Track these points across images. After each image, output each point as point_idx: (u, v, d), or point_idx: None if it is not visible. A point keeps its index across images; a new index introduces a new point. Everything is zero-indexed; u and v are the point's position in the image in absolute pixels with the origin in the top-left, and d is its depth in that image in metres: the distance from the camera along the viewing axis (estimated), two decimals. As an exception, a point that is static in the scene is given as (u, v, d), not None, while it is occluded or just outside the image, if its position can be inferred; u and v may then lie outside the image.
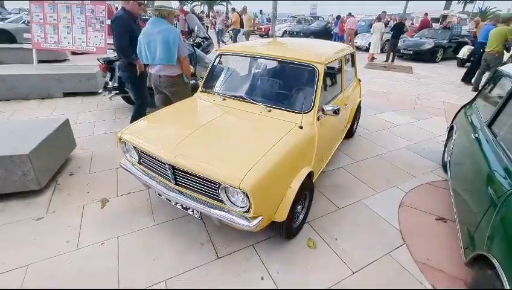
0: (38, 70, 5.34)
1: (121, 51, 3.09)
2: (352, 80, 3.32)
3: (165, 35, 2.56)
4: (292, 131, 1.90)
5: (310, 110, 2.05)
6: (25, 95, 5.08)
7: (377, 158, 3.27)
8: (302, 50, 2.41)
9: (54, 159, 2.66)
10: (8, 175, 2.28)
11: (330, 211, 2.36)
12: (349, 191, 2.62)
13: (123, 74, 3.35)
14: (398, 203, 2.47)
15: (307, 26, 15.17)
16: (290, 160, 1.76)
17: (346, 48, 2.92)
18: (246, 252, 1.93)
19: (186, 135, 1.81)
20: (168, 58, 2.62)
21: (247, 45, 2.54)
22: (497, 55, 6.03)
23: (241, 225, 1.57)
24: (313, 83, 2.10)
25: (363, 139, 3.76)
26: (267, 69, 2.54)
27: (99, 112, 4.58)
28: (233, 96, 2.30)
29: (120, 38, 3.00)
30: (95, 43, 6.20)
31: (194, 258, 1.87)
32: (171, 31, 2.58)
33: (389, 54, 9.62)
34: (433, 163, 3.19)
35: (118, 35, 3.00)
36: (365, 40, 11.63)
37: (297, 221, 2.04)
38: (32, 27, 6.22)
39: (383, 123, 4.35)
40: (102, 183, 2.65)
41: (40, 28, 6.22)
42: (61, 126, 2.83)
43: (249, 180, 1.47)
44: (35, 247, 1.93)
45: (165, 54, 2.60)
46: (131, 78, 3.24)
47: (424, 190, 2.69)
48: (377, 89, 6.36)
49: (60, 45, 6.21)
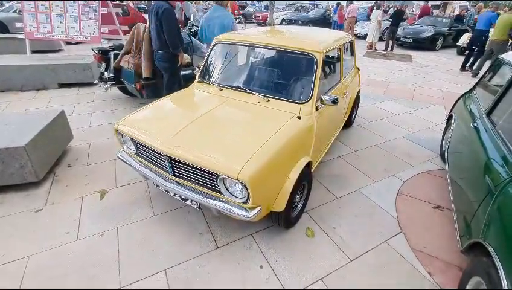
0: (32, 61, 5.23)
1: (173, 44, 3.18)
2: (351, 69, 3.29)
3: (221, 20, 3.25)
4: (290, 121, 1.89)
5: (308, 100, 2.03)
6: (19, 87, 5.00)
7: (375, 148, 3.27)
8: (301, 38, 2.36)
9: (51, 151, 2.65)
10: (5, 168, 2.27)
11: (328, 200, 2.37)
12: (347, 181, 2.63)
13: (163, 64, 3.41)
14: (395, 192, 2.49)
15: (305, 14, 14.87)
16: (288, 150, 1.75)
17: (345, 36, 2.87)
18: (245, 241, 1.95)
19: (184, 126, 1.79)
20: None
21: (244, 34, 2.48)
22: (502, 44, 5.98)
23: (240, 215, 1.58)
24: (311, 73, 2.07)
25: (362, 128, 3.76)
26: (265, 59, 2.50)
27: (95, 103, 4.52)
28: (230, 86, 2.27)
29: (172, 31, 3.12)
30: (89, 32, 6.09)
31: (193, 248, 1.89)
32: (227, 17, 3.32)
33: (388, 42, 9.49)
34: (431, 152, 3.20)
35: (170, 28, 3.11)
36: (365, 28, 11.44)
37: (295, 211, 2.06)
38: (24, 16, 6.06)
39: (381, 112, 4.34)
40: (100, 175, 2.65)
41: (32, 17, 6.08)
42: (57, 118, 2.80)
43: (247, 171, 1.47)
44: (35, 238, 1.93)
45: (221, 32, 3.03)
46: (172, 68, 3.39)
47: (421, 178, 2.71)
48: (376, 78, 6.32)
49: (53, 35, 6.09)
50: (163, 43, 3.23)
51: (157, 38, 3.27)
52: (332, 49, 2.35)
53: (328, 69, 2.57)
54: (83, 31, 6.10)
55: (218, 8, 3.37)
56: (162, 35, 3.18)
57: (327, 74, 2.53)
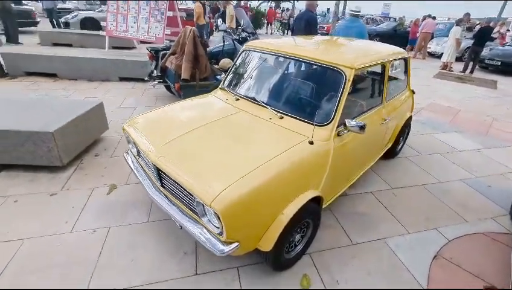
0: (102, 55, 5.88)
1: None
2: (402, 91, 2.77)
3: (359, 29, 4.18)
4: (299, 145, 1.59)
5: (327, 123, 1.70)
6: (89, 77, 5.65)
7: (421, 188, 2.68)
8: (334, 51, 2.04)
9: (80, 139, 2.81)
10: (36, 149, 2.46)
11: (342, 244, 1.97)
12: (372, 224, 2.17)
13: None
14: (433, 252, 1.94)
15: (372, 27, 13.87)
16: (286, 180, 1.46)
17: (395, 51, 2.42)
18: (227, 274, 1.71)
19: (178, 135, 1.66)
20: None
21: (274, 42, 2.27)
22: None
23: (214, 249, 1.35)
24: (336, 91, 1.74)
25: (409, 162, 3.15)
26: (289, 70, 2.24)
27: (142, 98, 4.81)
28: (246, 96, 2.07)
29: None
30: (154, 33, 6.65)
31: (172, 267, 1.73)
32: (363, 27, 4.37)
33: (468, 63, 8.11)
34: (497, 207, 2.47)
35: (310, 31, 4.42)
36: (441, 45, 10.06)
37: (292, 252, 1.73)
38: (107, 16, 6.94)
39: (440, 145, 3.61)
40: (117, 169, 2.71)
41: (113, 17, 6.91)
42: (93, 109, 2.98)
43: (224, 198, 1.24)
44: (38, 222, 2.02)
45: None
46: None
47: (475, 241, 2.08)
48: (443, 103, 5.39)
49: (127, 34, 6.83)
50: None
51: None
52: (371, 65, 1.96)
53: (365, 89, 2.17)
54: (150, 32, 6.70)
55: (356, 20, 4.36)
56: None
57: (363, 94, 2.14)
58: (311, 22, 4.52)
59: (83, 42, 8.26)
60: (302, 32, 4.45)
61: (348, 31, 4.21)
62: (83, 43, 8.24)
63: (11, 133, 2.40)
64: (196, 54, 3.81)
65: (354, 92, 2.25)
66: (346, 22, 4.49)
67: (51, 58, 5.37)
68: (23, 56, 5.36)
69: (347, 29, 4.26)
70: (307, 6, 4.67)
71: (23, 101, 3.07)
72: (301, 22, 4.52)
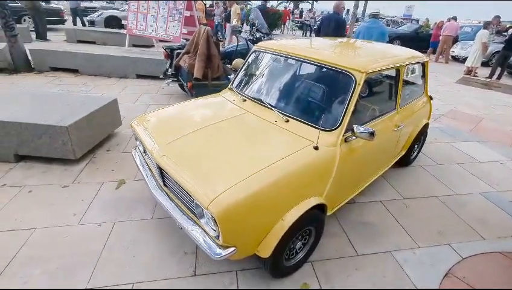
0: (121, 52, 6.05)
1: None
2: (419, 97, 2.65)
3: (380, 30, 4.43)
4: (303, 150, 1.55)
5: (334, 128, 1.65)
6: (108, 73, 5.83)
7: (435, 200, 2.55)
8: (345, 53, 1.97)
9: (94, 134, 2.90)
10: (52, 142, 2.56)
11: (345, 255, 1.90)
12: (379, 235, 2.08)
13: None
14: (444, 270, 1.83)
15: (393, 30, 13.41)
16: (288, 185, 1.42)
17: (412, 55, 2.31)
18: (226, 277, 1.69)
19: (182, 135, 1.66)
20: (381, 41, 4.29)
21: (285, 43, 2.23)
22: None
23: (210, 252, 1.33)
24: (345, 95, 1.68)
25: (423, 171, 3.01)
26: (298, 73, 2.19)
27: (157, 96, 4.90)
28: (253, 98, 2.04)
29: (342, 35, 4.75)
30: (172, 32, 6.79)
31: (171, 267, 1.73)
32: (384, 27, 4.64)
33: (496, 68, 7.67)
34: (520, 225, 2.31)
35: (339, 33, 4.71)
36: (466, 49, 9.58)
37: (292, 259, 1.69)
38: (128, 15, 7.16)
39: (458, 155, 3.42)
40: (127, 164, 2.77)
41: (134, 16, 7.11)
42: (108, 105, 3.07)
43: (222, 202, 1.23)
44: (49, 213, 2.09)
45: (380, 38, 4.33)
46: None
47: (492, 261, 1.94)
48: (465, 111, 5.13)
49: (145, 32, 7.02)
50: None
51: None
52: (384, 69, 1.88)
53: (378, 93, 2.09)
54: (168, 31, 6.84)
55: (376, 21, 4.58)
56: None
57: (376, 99, 2.06)
58: (341, 23, 4.79)
59: (106, 40, 8.56)
60: (330, 34, 4.67)
61: (369, 32, 4.36)
62: (106, 41, 8.54)
63: (31, 126, 2.51)
64: (209, 53, 3.83)
65: (366, 97, 2.18)
66: (367, 23, 4.63)
67: (74, 55, 5.60)
68: (48, 52, 5.62)
69: (368, 30, 4.41)
70: (334, 9, 4.90)
71: (44, 96, 3.20)
72: (330, 23, 4.77)
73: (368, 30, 4.45)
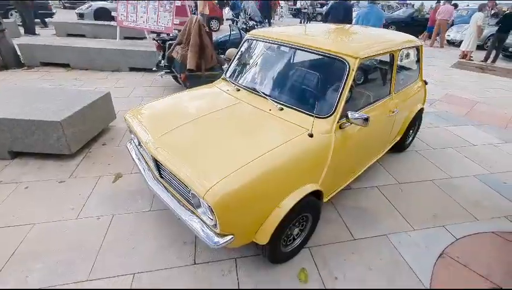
0: (113, 45, 5.93)
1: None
2: (413, 81, 2.64)
3: (378, 14, 4.71)
4: (298, 138, 1.55)
5: (328, 115, 1.65)
6: (100, 67, 5.73)
7: (429, 184, 2.58)
8: (338, 39, 1.95)
9: (88, 129, 2.87)
10: (46, 138, 2.54)
11: (342, 239, 1.94)
12: (375, 220, 2.12)
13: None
14: (439, 251, 1.88)
15: (388, 14, 13.19)
16: (283, 173, 1.43)
17: (406, 40, 2.29)
18: (225, 264, 1.72)
19: (176, 126, 1.65)
20: (378, 25, 4.68)
21: (278, 31, 2.20)
22: None
23: (208, 241, 1.35)
24: (339, 82, 1.67)
25: (419, 155, 3.04)
26: (291, 60, 2.17)
27: (151, 88, 4.84)
28: (247, 87, 2.03)
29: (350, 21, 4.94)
30: (163, 23, 6.63)
31: (171, 256, 1.75)
32: (381, 12, 4.91)
33: (491, 51, 7.63)
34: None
35: (348, 19, 4.97)
36: (461, 33, 9.51)
37: (290, 246, 1.72)
38: (118, 6, 6.96)
39: (453, 139, 3.45)
40: (123, 158, 2.76)
41: (124, 7, 6.92)
42: (101, 99, 3.03)
43: (218, 191, 1.23)
44: (46, 208, 2.09)
45: (377, 23, 4.64)
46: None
47: (486, 241, 1.99)
48: (460, 94, 5.14)
49: (136, 23, 6.85)
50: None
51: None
52: (379, 54, 1.87)
53: (372, 79, 2.08)
54: (159, 22, 6.68)
55: (374, 6, 4.80)
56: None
57: (370, 85, 2.05)
58: (349, 10, 5.11)
59: (96, 33, 8.36)
60: (340, 21, 4.81)
61: (367, 17, 4.62)
62: (96, 34, 8.34)
63: (23, 122, 2.48)
64: (202, 44, 3.77)
65: (360, 83, 2.17)
66: (366, 9, 4.86)
67: (64, 49, 5.48)
68: (38, 47, 5.49)
69: (366, 15, 4.67)
70: None
71: (36, 91, 3.15)
72: (339, 11, 5.01)
73: (366, 15, 4.65)
